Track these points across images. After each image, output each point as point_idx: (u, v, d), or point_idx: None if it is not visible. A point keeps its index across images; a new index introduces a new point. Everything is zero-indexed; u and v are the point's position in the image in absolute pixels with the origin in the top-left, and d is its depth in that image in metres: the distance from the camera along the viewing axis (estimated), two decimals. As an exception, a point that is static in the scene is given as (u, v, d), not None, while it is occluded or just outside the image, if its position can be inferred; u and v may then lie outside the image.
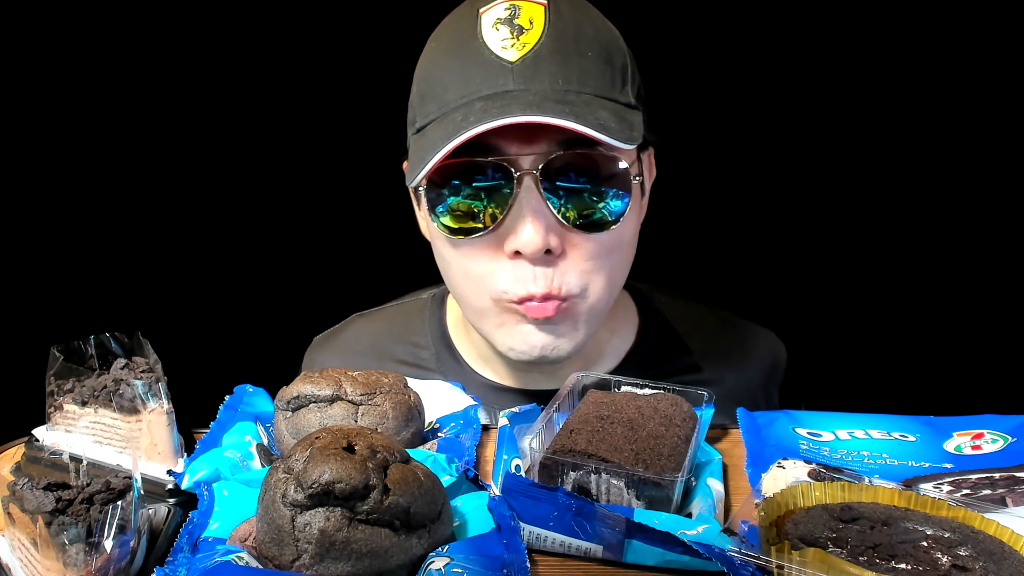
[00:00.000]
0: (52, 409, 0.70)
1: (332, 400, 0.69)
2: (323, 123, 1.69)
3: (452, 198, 0.77)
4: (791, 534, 0.54)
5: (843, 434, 0.73)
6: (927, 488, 0.63)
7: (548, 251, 0.76)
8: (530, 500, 0.59)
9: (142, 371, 0.70)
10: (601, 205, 0.78)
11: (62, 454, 0.66)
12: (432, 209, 0.79)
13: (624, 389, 0.77)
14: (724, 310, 1.04)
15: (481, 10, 0.77)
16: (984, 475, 0.64)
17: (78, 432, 0.69)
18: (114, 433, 0.68)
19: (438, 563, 0.52)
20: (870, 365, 1.64)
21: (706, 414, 0.73)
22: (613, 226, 0.78)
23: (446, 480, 0.62)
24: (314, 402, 0.69)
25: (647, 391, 0.75)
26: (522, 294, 0.77)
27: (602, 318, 0.85)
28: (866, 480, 0.64)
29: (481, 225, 0.77)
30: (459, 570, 0.52)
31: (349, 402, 0.70)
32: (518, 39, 0.75)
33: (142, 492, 0.56)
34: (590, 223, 0.77)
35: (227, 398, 0.78)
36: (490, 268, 0.79)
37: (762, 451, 0.71)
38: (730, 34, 1.60)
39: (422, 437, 0.73)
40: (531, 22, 0.76)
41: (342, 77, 1.64)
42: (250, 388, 0.81)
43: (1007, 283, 1.58)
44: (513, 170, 0.74)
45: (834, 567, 0.48)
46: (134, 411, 0.67)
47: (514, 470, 0.66)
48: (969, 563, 0.51)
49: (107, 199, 1.70)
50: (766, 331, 1.02)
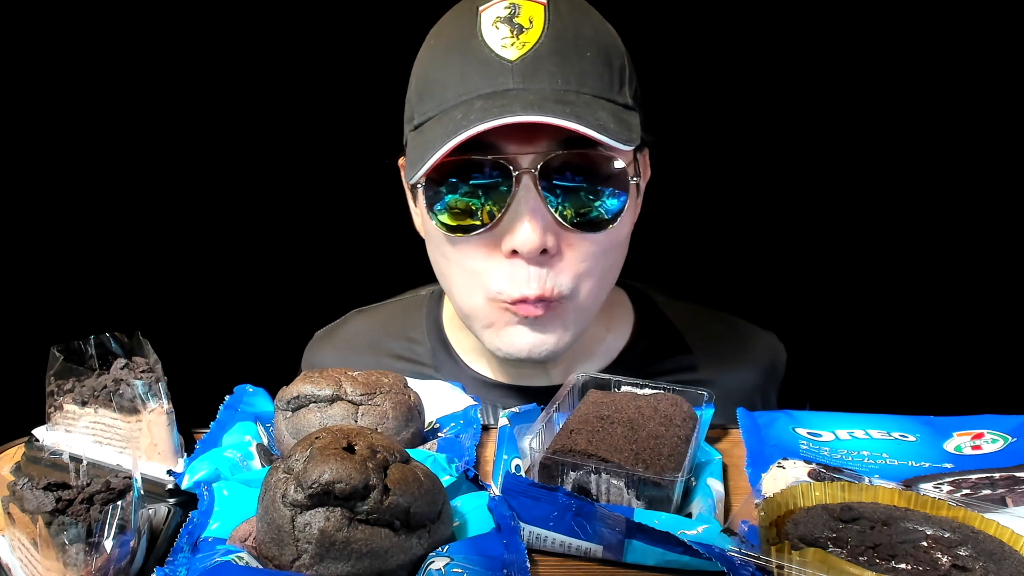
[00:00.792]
0: (52, 409, 0.70)
1: (332, 400, 0.69)
2: (321, 122, 1.69)
3: (450, 196, 0.77)
4: (791, 534, 0.54)
5: (843, 434, 0.73)
6: (927, 488, 0.63)
7: (544, 251, 0.76)
8: (530, 500, 0.59)
9: (142, 371, 0.70)
10: (598, 205, 0.78)
11: (62, 454, 0.66)
12: (430, 207, 0.79)
13: (624, 389, 0.77)
14: (723, 311, 1.04)
15: (481, 8, 0.77)
16: (984, 475, 0.64)
17: (78, 432, 0.69)
18: (114, 433, 0.68)
19: (438, 563, 0.52)
20: (870, 365, 1.64)
21: (706, 414, 0.73)
22: (610, 226, 0.78)
23: (446, 480, 0.62)
24: (314, 402, 0.69)
25: (647, 391, 0.75)
26: (516, 296, 0.78)
27: (591, 318, 0.85)
28: (866, 480, 0.64)
29: (479, 223, 0.77)
30: (459, 570, 0.52)
31: (349, 402, 0.70)
32: (518, 38, 0.75)
33: (142, 492, 0.56)
34: (587, 223, 0.78)
35: (227, 398, 0.78)
36: (485, 267, 0.79)
37: (762, 451, 0.71)
38: (727, 34, 1.60)
39: (422, 437, 0.73)
40: (531, 21, 0.76)
41: (340, 76, 1.64)
42: (250, 388, 0.81)
43: (1007, 283, 1.58)
44: (512, 169, 0.74)
45: (834, 567, 0.48)
46: (134, 411, 0.67)
47: (514, 470, 0.66)
48: (969, 563, 0.51)
49: (107, 199, 1.70)
50: (767, 333, 1.02)
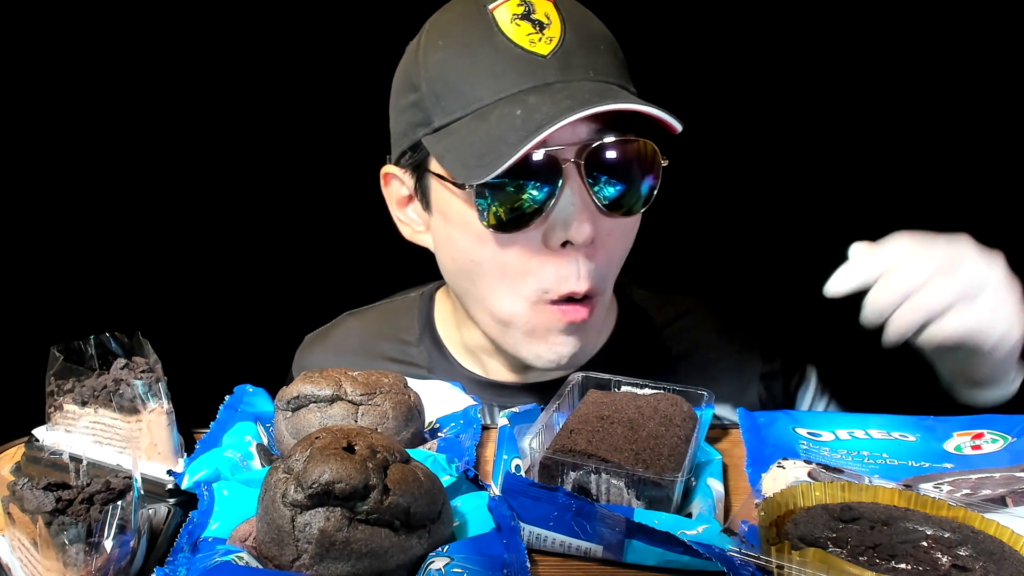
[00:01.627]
0: (52, 409, 0.70)
1: (332, 400, 0.69)
2: (318, 126, 1.69)
3: (498, 194, 0.76)
4: (791, 534, 0.54)
5: (843, 434, 0.73)
6: (927, 488, 0.63)
7: (592, 240, 0.78)
8: (530, 500, 0.59)
9: (142, 371, 0.70)
10: (635, 190, 0.79)
11: (62, 454, 0.66)
12: (479, 207, 0.76)
13: (624, 389, 0.77)
14: (694, 296, 1.03)
15: (491, 7, 0.77)
16: (984, 475, 0.64)
17: (78, 432, 0.69)
18: (114, 433, 0.68)
19: (438, 563, 0.52)
20: (870, 365, 1.64)
21: (706, 414, 0.73)
22: (643, 208, 0.81)
23: (446, 480, 0.62)
24: (314, 402, 0.69)
25: (647, 391, 0.75)
26: (564, 291, 0.78)
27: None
28: (866, 480, 0.64)
29: (530, 218, 0.76)
30: (459, 570, 0.52)
31: (349, 402, 0.70)
32: (543, 33, 0.76)
33: (142, 492, 0.56)
34: (625, 208, 0.79)
35: (227, 398, 0.78)
36: (532, 264, 0.79)
37: (762, 451, 0.71)
38: (723, 35, 1.60)
39: (422, 437, 0.73)
40: (547, 16, 0.77)
41: (335, 81, 1.64)
42: (250, 388, 0.81)
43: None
44: (559, 160, 0.75)
45: (834, 567, 0.48)
46: (134, 411, 0.67)
47: (514, 470, 0.66)
48: (969, 563, 0.51)
49: (107, 199, 1.70)
50: (745, 315, 1.03)
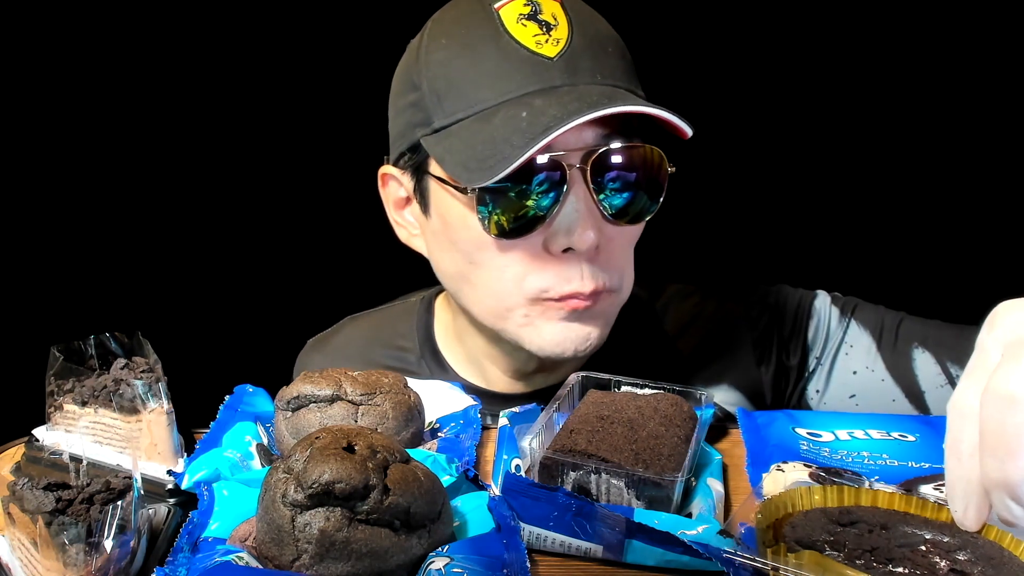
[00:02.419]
0: (52, 409, 0.70)
1: (332, 400, 0.69)
2: (320, 127, 1.69)
3: (501, 197, 0.74)
4: (788, 537, 0.53)
5: (843, 434, 0.73)
6: (927, 489, 0.63)
7: (596, 246, 0.76)
8: (530, 500, 0.59)
9: (142, 371, 0.70)
10: (641, 196, 0.78)
11: (62, 454, 0.66)
12: (481, 212, 0.75)
13: (624, 389, 0.77)
14: (683, 285, 1.02)
15: (496, 6, 0.76)
16: (984, 475, 0.64)
17: (78, 432, 0.69)
18: (114, 433, 0.68)
19: (438, 563, 0.52)
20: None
21: (706, 414, 0.73)
22: (648, 216, 0.79)
23: (446, 480, 0.62)
24: (314, 402, 0.69)
25: (647, 391, 0.75)
26: (566, 291, 0.77)
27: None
28: (867, 483, 0.64)
29: (533, 222, 0.75)
30: (459, 570, 0.52)
31: (349, 402, 0.70)
32: (550, 35, 0.75)
33: (142, 492, 0.56)
34: (631, 215, 0.78)
35: (227, 398, 0.78)
36: (532, 267, 0.77)
37: (762, 451, 0.71)
38: (719, 35, 1.60)
39: (422, 437, 0.73)
40: (555, 17, 0.76)
41: (338, 82, 1.64)
42: (250, 388, 0.81)
43: (1006, 283, 1.58)
44: (564, 165, 0.74)
45: (830, 570, 0.47)
46: (134, 411, 0.67)
47: (514, 470, 0.66)
48: (968, 568, 0.51)
49: (107, 199, 1.70)
50: (737, 291, 1.00)
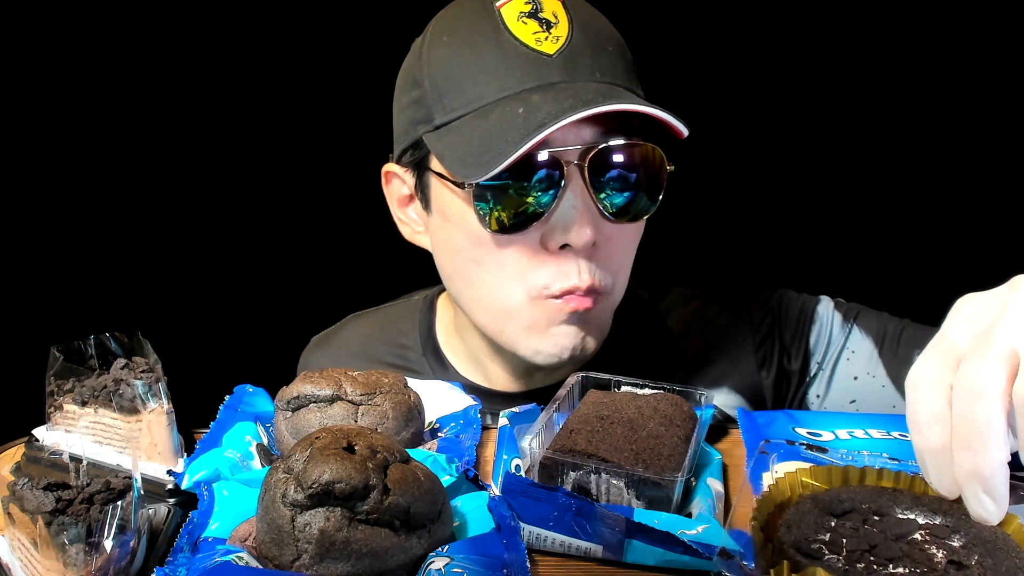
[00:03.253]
0: (52, 409, 0.70)
1: (332, 400, 0.69)
2: (322, 125, 1.69)
3: (500, 195, 0.75)
4: (785, 542, 0.52)
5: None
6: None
7: (593, 243, 0.77)
8: (530, 500, 0.59)
9: (142, 371, 0.70)
10: (640, 195, 0.79)
11: (62, 454, 0.66)
12: (480, 208, 0.76)
13: (624, 389, 0.77)
14: (685, 288, 1.02)
15: (497, 4, 0.77)
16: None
17: (78, 432, 0.69)
18: (114, 433, 0.68)
19: (438, 563, 0.52)
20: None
21: (706, 414, 0.73)
22: (647, 215, 0.80)
23: (446, 480, 0.62)
24: (314, 402, 0.69)
25: (647, 391, 0.75)
26: (566, 287, 0.77)
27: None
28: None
29: (530, 219, 0.76)
30: (459, 570, 0.52)
31: (349, 402, 0.70)
32: (550, 32, 0.75)
33: (142, 492, 0.56)
34: (629, 214, 0.78)
35: (227, 398, 0.78)
36: (530, 264, 0.78)
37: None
38: (727, 37, 1.60)
39: (422, 437, 0.73)
40: (555, 16, 0.76)
41: (339, 80, 1.64)
42: (250, 388, 0.81)
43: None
44: (562, 162, 0.74)
45: None
46: (134, 411, 0.67)
47: (514, 470, 0.66)
48: (965, 557, 0.51)
49: (107, 199, 1.70)
50: (744, 294, 1.00)
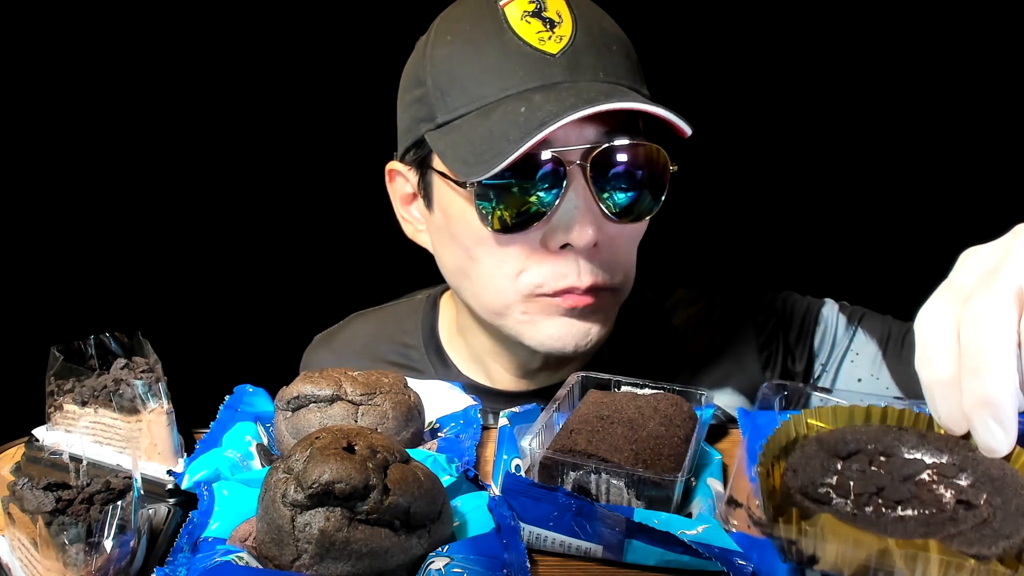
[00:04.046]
0: (52, 409, 0.70)
1: (332, 400, 0.69)
2: (322, 124, 1.69)
3: (502, 195, 0.75)
4: (791, 486, 0.52)
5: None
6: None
7: (595, 244, 0.76)
8: (530, 500, 0.59)
9: (142, 371, 0.70)
10: (643, 195, 0.78)
11: (62, 454, 0.66)
12: (481, 206, 0.76)
13: (624, 389, 0.77)
14: (701, 291, 1.02)
15: (501, 3, 0.77)
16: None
17: (78, 432, 0.69)
18: (114, 433, 0.68)
19: (438, 563, 0.52)
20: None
21: (706, 414, 0.73)
22: (649, 215, 0.80)
23: (446, 480, 0.62)
24: (314, 402, 0.69)
25: (647, 391, 0.75)
26: (560, 287, 0.77)
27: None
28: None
29: (532, 219, 0.76)
30: (459, 570, 0.52)
31: (349, 402, 0.70)
32: (553, 31, 0.75)
33: (142, 492, 0.56)
34: (632, 214, 0.78)
35: (227, 398, 0.78)
36: (529, 262, 0.78)
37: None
38: (716, 35, 1.60)
39: (422, 437, 0.73)
40: (559, 15, 0.76)
41: (340, 80, 1.64)
42: (250, 388, 0.81)
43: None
44: (564, 162, 0.74)
45: (846, 535, 0.46)
46: (134, 411, 0.67)
47: (514, 470, 0.66)
48: (973, 497, 0.50)
49: (107, 199, 1.70)
50: (748, 294, 1.00)
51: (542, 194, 0.75)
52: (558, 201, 0.75)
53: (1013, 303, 0.44)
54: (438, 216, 0.83)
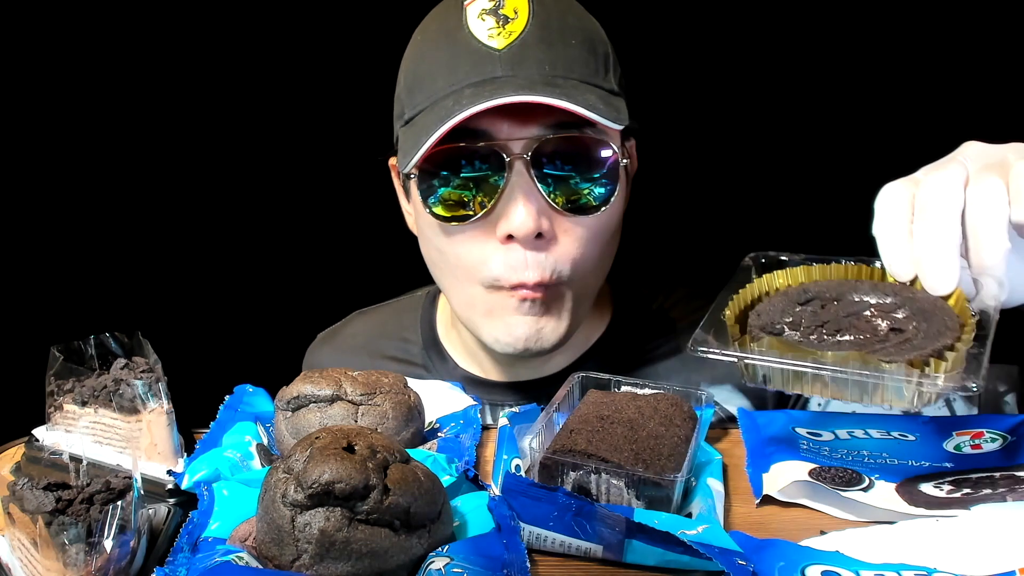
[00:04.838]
0: (52, 409, 0.70)
1: (332, 400, 0.69)
2: (321, 123, 1.69)
3: (444, 187, 0.79)
4: (753, 325, 0.60)
5: (843, 434, 0.73)
6: (927, 488, 0.63)
7: (539, 235, 0.78)
8: (530, 500, 0.59)
9: (142, 371, 0.70)
10: (590, 188, 0.80)
11: (62, 454, 0.66)
12: (424, 199, 0.80)
13: (624, 389, 0.77)
14: (692, 289, 1.02)
15: (466, 2, 0.79)
16: (984, 474, 0.64)
17: (78, 432, 0.69)
18: (114, 433, 0.68)
19: (438, 563, 0.52)
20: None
21: (706, 414, 0.73)
22: (602, 209, 0.80)
23: (446, 480, 0.62)
24: (314, 402, 0.69)
25: (647, 391, 0.75)
26: (515, 280, 0.79)
27: (587, 307, 0.87)
28: (867, 480, 0.64)
29: (473, 211, 0.78)
30: (459, 570, 0.52)
31: (349, 402, 0.70)
32: (504, 28, 0.77)
33: (142, 492, 0.56)
34: (580, 207, 0.79)
35: (227, 398, 0.78)
36: (483, 255, 0.80)
37: (762, 451, 0.71)
38: (708, 31, 1.60)
39: (422, 437, 0.73)
40: (515, 12, 0.78)
41: (339, 77, 1.64)
42: (250, 388, 0.81)
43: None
44: (504, 155, 0.76)
45: (786, 349, 0.55)
46: (134, 411, 0.67)
47: (514, 470, 0.66)
48: (904, 324, 0.57)
49: (107, 199, 1.70)
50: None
51: (482, 186, 0.77)
52: (499, 192, 0.77)
53: (961, 177, 0.56)
54: (413, 209, 0.87)
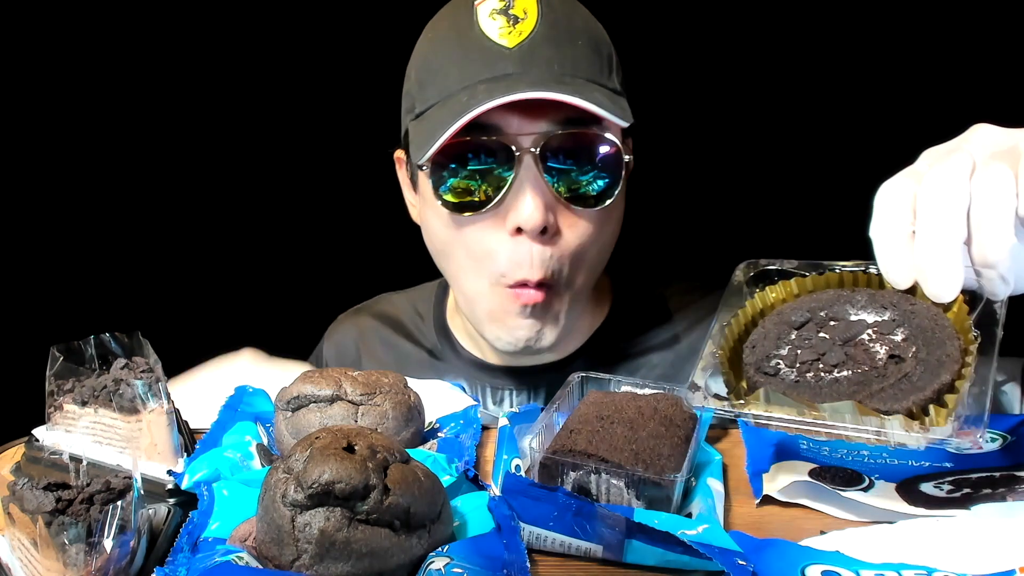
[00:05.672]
0: (52, 409, 0.70)
1: (332, 400, 0.69)
2: (322, 121, 1.69)
3: (454, 178, 0.82)
4: (748, 363, 0.60)
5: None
6: (928, 487, 0.63)
7: (544, 229, 0.80)
8: (530, 500, 0.59)
9: (142, 371, 0.70)
10: (596, 182, 0.83)
11: (62, 454, 0.66)
12: (436, 189, 0.82)
13: (624, 389, 0.77)
14: (696, 282, 1.04)
15: (476, 2, 0.82)
16: (984, 474, 0.64)
17: (78, 432, 0.69)
18: (114, 433, 0.68)
19: (438, 563, 0.52)
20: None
21: (706, 414, 0.73)
22: (607, 201, 0.83)
23: (446, 480, 0.62)
24: (314, 402, 0.70)
25: (647, 391, 0.75)
26: (518, 278, 0.82)
27: (583, 303, 0.90)
28: (866, 480, 0.64)
29: (483, 201, 0.81)
30: (459, 570, 0.52)
31: (349, 402, 0.70)
32: (514, 27, 0.80)
33: (142, 492, 0.56)
34: (585, 199, 0.82)
35: (227, 398, 0.78)
36: (490, 247, 0.83)
37: (762, 451, 0.71)
38: (706, 33, 1.60)
39: (422, 437, 0.73)
40: (525, 12, 0.81)
41: (341, 73, 1.64)
42: (250, 388, 0.81)
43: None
44: (514, 149, 0.79)
45: (781, 404, 0.56)
46: (134, 411, 0.67)
47: (514, 470, 0.66)
48: (903, 351, 0.56)
49: (107, 199, 1.70)
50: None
51: (492, 178, 0.80)
52: (508, 185, 0.80)
53: (966, 169, 0.51)
54: (420, 200, 0.90)
